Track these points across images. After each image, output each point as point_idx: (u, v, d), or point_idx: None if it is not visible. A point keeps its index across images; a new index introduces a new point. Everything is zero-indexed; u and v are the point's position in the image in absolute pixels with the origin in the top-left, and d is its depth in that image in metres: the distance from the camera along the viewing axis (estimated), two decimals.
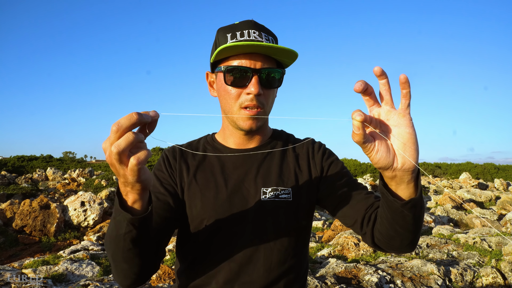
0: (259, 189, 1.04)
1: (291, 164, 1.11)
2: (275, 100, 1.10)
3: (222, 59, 1.03)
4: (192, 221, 1.03)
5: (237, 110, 1.02)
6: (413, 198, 0.77)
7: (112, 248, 0.83)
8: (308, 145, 1.16)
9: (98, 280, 3.57)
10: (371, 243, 0.98)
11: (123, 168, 0.67)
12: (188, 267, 1.07)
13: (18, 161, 19.84)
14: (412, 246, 0.91)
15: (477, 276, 4.01)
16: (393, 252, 0.96)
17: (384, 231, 0.89)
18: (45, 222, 6.83)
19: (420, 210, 0.81)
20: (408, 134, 0.72)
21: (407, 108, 0.73)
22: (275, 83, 1.03)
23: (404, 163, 0.73)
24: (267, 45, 0.94)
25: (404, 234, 0.86)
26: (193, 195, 1.04)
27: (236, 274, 1.01)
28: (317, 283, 3.46)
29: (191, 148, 1.15)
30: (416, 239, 0.89)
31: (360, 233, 1.01)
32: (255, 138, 1.12)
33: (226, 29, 1.03)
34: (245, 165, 1.09)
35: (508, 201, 10.78)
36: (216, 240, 1.03)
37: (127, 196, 0.74)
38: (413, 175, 0.76)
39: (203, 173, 1.08)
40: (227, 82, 1.01)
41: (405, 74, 0.69)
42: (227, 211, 1.02)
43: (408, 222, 0.82)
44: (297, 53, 0.99)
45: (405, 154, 0.73)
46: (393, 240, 0.90)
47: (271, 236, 1.03)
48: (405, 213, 0.79)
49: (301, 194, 1.07)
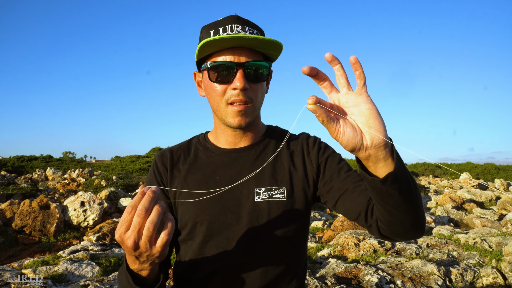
0: (252, 190, 1.02)
1: (285, 163, 1.08)
2: (265, 96, 1.08)
3: (207, 56, 1.01)
4: (185, 225, 1.02)
5: (224, 107, 1.00)
6: (390, 172, 0.72)
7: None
8: (303, 141, 1.12)
9: (98, 280, 3.56)
10: (378, 234, 0.93)
11: (152, 247, 0.67)
12: (184, 271, 1.06)
13: (18, 161, 19.83)
14: (416, 228, 0.85)
15: (477, 276, 4.00)
16: (401, 239, 0.90)
17: (382, 218, 0.86)
18: (45, 222, 6.82)
19: (406, 185, 0.76)
20: (368, 109, 0.72)
21: (363, 87, 0.73)
22: (261, 76, 1.00)
23: (372, 139, 0.71)
24: (248, 36, 0.92)
25: (400, 216, 0.81)
26: (185, 199, 1.03)
27: (232, 277, 1.00)
28: (317, 283, 3.45)
29: (182, 149, 1.14)
30: (417, 219, 0.83)
31: (365, 226, 0.96)
32: (247, 135, 1.09)
33: (209, 26, 1.02)
34: (237, 165, 1.06)
35: (508, 201, 10.77)
36: (210, 243, 1.01)
37: (141, 273, 0.75)
38: (387, 150, 0.73)
39: (194, 176, 1.06)
40: (212, 78, 0.99)
41: (355, 56, 0.71)
42: (220, 214, 1.00)
43: (397, 200, 0.77)
44: (281, 43, 0.96)
45: (370, 129, 0.72)
46: (394, 225, 0.85)
47: (266, 237, 1.01)
48: (390, 191, 0.74)
49: (296, 193, 1.04)
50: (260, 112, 1.11)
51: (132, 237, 0.66)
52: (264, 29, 1.07)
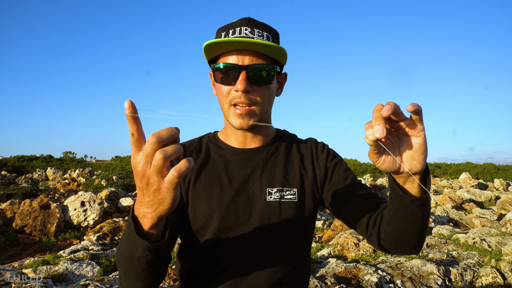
0: (264, 190, 1.03)
1: (296, 165, 1.10)
2: (274, 99, 1.08)
3: (217, 57, 1.03)
4: (196, 221, 1.02)
5: (228, 108, 1.01)
6: (423, 196, 0.77)
7: (124, 266, 0.81)
8: (312, 146, 1.15)
9: (98, 280, 3.57)
10: (377, 245, 0.96)
11: (159, 181, 0.61)
12: (192, 268, 1.06)
13: (18, 161, 19.84)
14: (418, 247, 0.91)
15: (477, 276, 4.01)
16: (399, 253, 0.95)
17: (391, 230, 0.88)
18: (45, 222, 6.83)
19: (428, 212, 0.82)
20: (419, 145, 0.72)
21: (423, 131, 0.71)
22: (265, 80, 1.00)
23: (411, 169, 0.74)
24: (248, 40, 0.92)
25: (412, 233, 0.86)
26: (197, 195, 1.02)
27: (241, 276, 1.01)
28: (317, 283, 3.46)
29: (193, 146, 1.13)
30: (422, 239, 0.89)
31: (365, 235, 0.99)
32: (257, 137, 1.11)
33: (222, 28, 1.03)
34: (249, 164, 1.07)
35: (508, 201, 10.77)
36: (220, 240, 1.01)
37: (144, 220, 0.69)
38: (421, 174, 0.76)
39: (207, 173, 1.06)
40: (217, 79, 1.01)
41: (416, 104, 0.65)
42: (232, 211, 1.00)
43: (417, 220, 0.81)
44: (283, 48, 0.97)
45: (413, 161, 0.73)
46: (400, 239, 0.89)
47: (276, 237, 1.02)
48: (415, 210, 0.79)
49: (306, 195, 1.06)
50: (271, 115, 1.13)
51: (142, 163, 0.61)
52: (270, 33, 1.06)
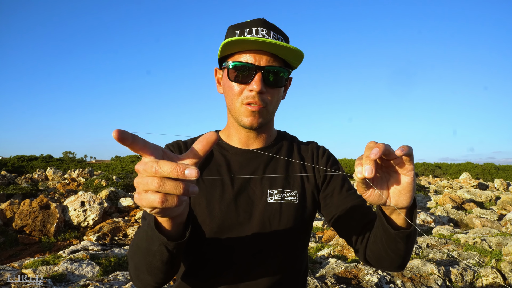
0: (265, 191, 1.04)
1: (297, 167, 1.10)
2: (280, 102, 1.08)
3: (229, 55, 1.02)
4: (196, 220, 1.01)
5: (239, 106, 1.01)
6: (407, 230, 0.80)
7: (137, 258, 0.80)
8: (313, 149, 1.16)
9: (98, 280, 3.56)
10: (363, 259, 1.01)
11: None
12: (190, 268, 1.05)
13: (18, 161, 19.85)
14: (400, 268, 0.95)
15: (477, 276, 4.01)
16: (383, 269, 0.98)
17: (376, 251, 0.92)
18: (45, 222, 6.82)
19: (413, 241, 0.84)
20: (407, 183, 0.71)
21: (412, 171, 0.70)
22: (279, 82, 1.01)
23: (397, 204, 0.74)
24: (271, 41, 0.92)
25: (394, 258, 0.89)
26: (198, 193, 1.02)
27: (240, 276, 1.00)
28: (317, 283, 3.46)
29: None
30: (404, 262, 0.92)
31: (353, 247, 1.04)
32: (260, 138, 1.11)
33: (236, 26, 1.03)
34: (251, 165, 1.07)
35: (508, 201, 10.77)
36: (219, 240, 1.01)
37: (162, 221, 0.68)
38: (407, 210, 0.77)
39: (209, 171, 1.06)
40: (231, 77, 1.00)
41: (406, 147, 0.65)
42: (232, 211, 1.00)
43: (400, 250, 0.85)
44: (302, 52, 0.97)
45: (399, 196, 0.72)
46: (383, 261, 0.93)
47: (275, 238, 1.02)
48: (398, 240, 0.82)
49: (307, 197, 1.06)
50: (274, 117, 1.13)
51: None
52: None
